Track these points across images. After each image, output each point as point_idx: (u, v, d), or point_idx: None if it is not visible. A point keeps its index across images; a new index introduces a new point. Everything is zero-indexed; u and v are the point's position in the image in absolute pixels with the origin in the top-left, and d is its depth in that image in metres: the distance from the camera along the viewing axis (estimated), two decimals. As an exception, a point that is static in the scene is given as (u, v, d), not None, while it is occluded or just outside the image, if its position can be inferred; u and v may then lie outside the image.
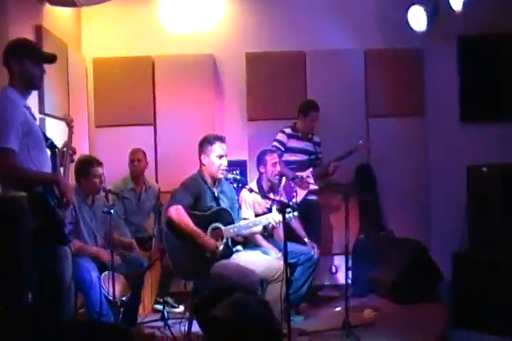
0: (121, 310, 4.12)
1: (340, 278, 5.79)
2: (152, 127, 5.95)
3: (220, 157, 4.18)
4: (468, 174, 5.45)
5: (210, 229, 4.08)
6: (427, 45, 5.99)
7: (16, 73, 3.21)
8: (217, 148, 4.18)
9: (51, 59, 3.41)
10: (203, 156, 4.21)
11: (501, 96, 5.96)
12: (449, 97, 6.05)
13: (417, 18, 5.56)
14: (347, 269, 4.52)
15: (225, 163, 4.21)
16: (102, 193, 4.50)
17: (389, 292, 5.17)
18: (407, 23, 5.61)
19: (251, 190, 4.31)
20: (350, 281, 5.46)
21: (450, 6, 5.20)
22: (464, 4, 5.11)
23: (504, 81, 5.95)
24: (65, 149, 3.58)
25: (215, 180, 4.26)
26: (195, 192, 4.11)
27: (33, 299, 3.08)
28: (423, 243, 5.42)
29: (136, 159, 5.39)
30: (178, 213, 3.99)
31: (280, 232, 4.71)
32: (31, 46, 3.37)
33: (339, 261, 5.80)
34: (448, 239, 5.40)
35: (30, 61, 3.23)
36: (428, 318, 4.66)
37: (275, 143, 5.37)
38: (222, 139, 4.24)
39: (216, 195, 4.23)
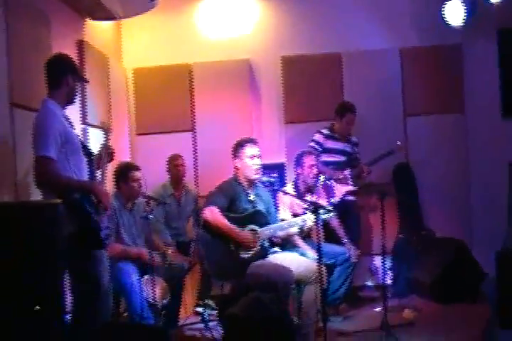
0: (162, 312, 4.22)
1: (381, 278, 5.75)
2: (191, 133, 6.08)
3: (252, 157, 4.22)
4: (510, 170, 5.36)
5: (246, 230, 4.13)
6: (466, 41, 5.91)
7: (59, 86, 3.38)
8: (248, 150, 4.23)
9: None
10: (236, 160, 4.27)
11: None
12: (490, 93, 5.93)
13: (455, 13, 5.48)
14: (384, 269, 4.49)
15: (258, 163, 4.23)
16: (142, 199, 4.59)
17: (429, 292, 5.10)
18: (442, 19, 5.53)
19: (285, 193, 4.35)
20: (390, 281, 5.47)
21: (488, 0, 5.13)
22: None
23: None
24: (102, 153, 3.72)
25: (251, 183, 4.30)
26: (230, 195, 4.16)
27: (71, 301, 3.23)
28: (464, 242, 5.32)
29: (177, 164, 5.50)
30: (213, 214, 4.05)
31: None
32: (74, 64, 3.56)
33: (379, 262, 5.77)
34: (491, 237, 5.31)
35: (72, 77, 3.43)
36: (470, 318, 4.58)
37: (312, 144, 5.40)
38: (253, 141, 4.29)
39: (251, 197, 4.27)
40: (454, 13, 5.46)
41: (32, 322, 2.67)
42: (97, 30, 5.44)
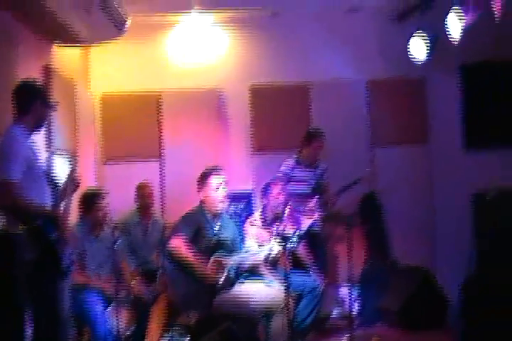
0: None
1: (348, 307, 5.74)
2: (159, 161, 6.06)
3: (217, 189, 4.23)
4: (474, 200, 5.47)
5: (211, 260, 4.11)
6: (430, 75, 6.08)
7: (27, 113, 3.34)
8: (212, 180, 4.24)
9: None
10: (201, 191, 4.28)
11: (504, 122, 5.98)
12: (453, 124, 6.10)
13: (418, 49, 5.64)
14: (351, 299, 4.49)
15: (223, 195, 4.25)
16: (108, 227, 4.51)
17: (396, 320, 5.13)
18: (409, 53, 5.69)
19: (252, 222, 4.36)
20: (357, 310, 5.47)
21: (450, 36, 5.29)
22: (464, 34, 5.18)
23: (505, 107, 5.97)
24: (68, 182, 3.68)
25: (216, 214, 4.30)
26: (195, 225, 4.15)
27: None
28: (430, 270, 5.38)
29: (144, 195, 5.41)
30: (178, 245, 4.04)
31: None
32: (43, 90, 3.53)
33: (346, 291, 5.76)
34: (456, 265, 5.37)
35: (41, 104, 3.39)
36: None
37: (279, 174, 5.42)
38: (217, 170, 4.30)
39: (216, 228, 4.27)
40: (418, 48, 5.61)
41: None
42: (64, 56, 5.39)
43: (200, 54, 6.16)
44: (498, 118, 6.01)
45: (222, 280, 4.07)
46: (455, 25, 5.04)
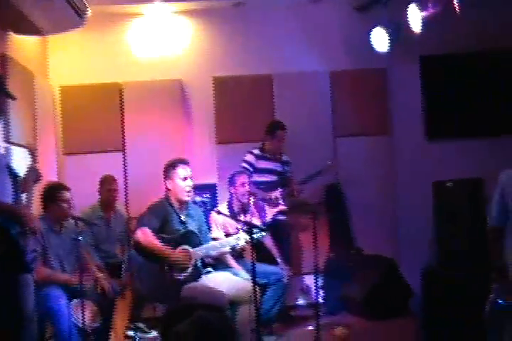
0: (92, 337, 4.10)
1: (313, 297, 5.80)
2: (121, 153, 5.98)
3: (184, 179, 4.23)
4: (435, 190, 5.56)
5: (178, 249, 4.09)
6: (391, 66, 6.13)
7: None
8: (180, 171, 4.24)
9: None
10: (167, 181, 4.27)
11: (464, 113, 6.10)
12: (414, 115, 6.18)
13: (380, 40, 5.67)
14: (317, 288, 4.53)
15: (190, 185, 4.25)
16: (71, 220, 4.45)
17: (360, 309, 5.17)
18: (371, 44, 5.74)
19: (219, 212, 4.37)
20: (322, 300, 5.52)
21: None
22: (424, 25, 5.24)
23: (465, 98, 6.09)
24: (28, 175, 3.61)
25: (182, 204, 4.29)
26: (162, 216, 4.15)
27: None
28: (393, 259, 5.45)
29: (110, 189, 5.33)
30: (145, 235, 4.03)
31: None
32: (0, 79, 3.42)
33: (310, 280, 5.82)
34: (418, 254, 5.49)
35: None
36: (400, 334, 4.69)
37: (244, 164, 5.45)
38: (184, 162, 4.30)
39: (183, 218, 4.27)
40: (380, 39, 5.65)
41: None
42: (22, 45, 5.25)
43: (163, 45, 6.11)
44: (457, 109, 6.11)
45: (189, 270, 4.06)
46: (415, 17, 5.10)
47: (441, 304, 4.88)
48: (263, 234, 4.17)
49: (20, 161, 4.35)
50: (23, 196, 3.49)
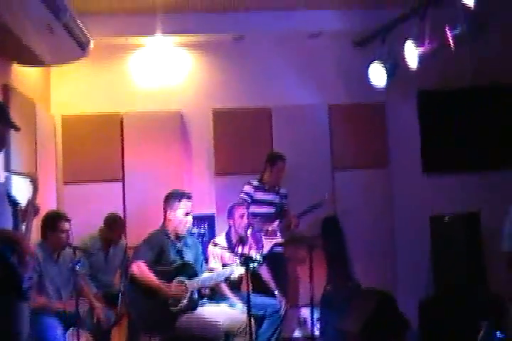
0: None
1: (310, 329, 5.75)
2: (121, 183, 6.01)
3: (187, 214, 4.27)
4: (432, 224, 5.59)
5: (174, 283, 4.10)
6: (389, 100, 6.22)
7: None
8: (184, 205, 4.28)
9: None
10: (168, 211, 4.28)
11: (462, 146, 6.16)
12: (412, 149, 6.25)
13: (378, 75, 5.76)
14: (312, 321, 4.52)
15: (190, 221, 4.33)
16: (69, 249, 4.44)
17: (357, 342, 5.15)
18: (369, 78, 5.82)
19: (215, 244, 4.39)
20: (319, 332, 5.49)
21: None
22: (421, 61, 5.34)
23: (463, 132, 6.16)
24: (28, 206, 3.63)
25: (180, 235, 4.31)
26: (158, 247, 4.17)
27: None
28: (389, 292, 5.43)
29: (116, 227, 5.28)
30: (140, 269, 4.04)
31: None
32: (3, 109, 3.46)
33: (307, 313, 5.78)
34: (415, 287, 5.47)
35: (0, 123, 3.28)
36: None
37: (242, 195, 5.46)
38: (189, 196, 4.34)
39: (179, 248, 4.28)
40: (377, 74, 5.74)
41: None
42: (24, 75, 5.33)
43: (163, 77, 6.21)
44: (455, 143, 6.18)
45: (185, 301, 4.06)
46: (412, 53, 5.20)
47: (438, 337, 4.85)
48: (258, 265, 4.16)
49: (20, 190, 4.38)
50: (22, 226, 3.50)
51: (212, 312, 4.14)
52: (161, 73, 6.22)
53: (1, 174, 4.53)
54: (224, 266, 4.72)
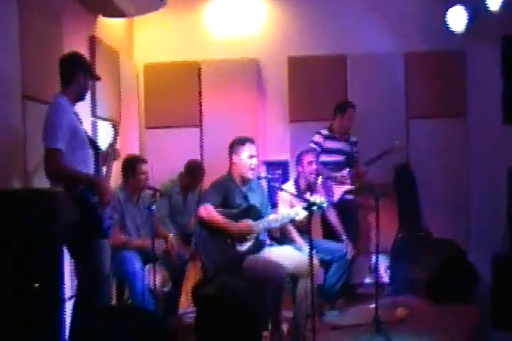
0: (163, 301, 4.39)
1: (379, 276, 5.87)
2: (199, 129, 6.23)
3: (251, 157, 4.36)
4: (509, 175, 5.44)
5: (239, 224, 4.24)
6: (469, 47, 5.98)
7: (71, 83, 3.56)
8: (248, 148, 4.37)
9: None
10: (234, 156, 4.40)
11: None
12: (492, 99, 5.99)
13: (457, 20, 5.54)
14: (377, 268, 4.62)
15: (255, 163, 4.39)
16: (148, 191, 4.67)
17: (424, 291, 5.22)
18: (446, 24, 5.62)
19: (284, 190, 4.50)
20: (388, 280, 5.60)
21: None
22: (504, 4, 5.09)
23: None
24: (109, 150, 3.91)
25: (244, 180, 4.41)
26: (223, 191, 4.29)
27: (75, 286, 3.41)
28: (461, 244, 5.44)
29: (197, 173, 5.46)
30: (207, 211, 4.18)
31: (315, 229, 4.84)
32: (87, 62, 3.73)
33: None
34: (488, 240, 5.40)
35: (83, 75, 3.60)
36: (459, 319, 4.69)
37: (312, 145, 5.51)
38: (252, 141, 4.44)
39: (245, 193, 4.39)
40: (457, 19, 5.50)
41: (31, 298, 2.89)
42: (109, 27, 5.57)
43: (240, 25, 6.29)
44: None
45: (251, 242, 4.23)
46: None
47: (509, 294, 4.80)
48: (323, 209, 4.23)
49: (104, 135, 4.68)
50: (103, 169, 3.78)
51: (279, 254, 4.27)
52: (238, 21, 6.29)
53: (86, 119, 4.82)
54: (292, 211, 4.85)
